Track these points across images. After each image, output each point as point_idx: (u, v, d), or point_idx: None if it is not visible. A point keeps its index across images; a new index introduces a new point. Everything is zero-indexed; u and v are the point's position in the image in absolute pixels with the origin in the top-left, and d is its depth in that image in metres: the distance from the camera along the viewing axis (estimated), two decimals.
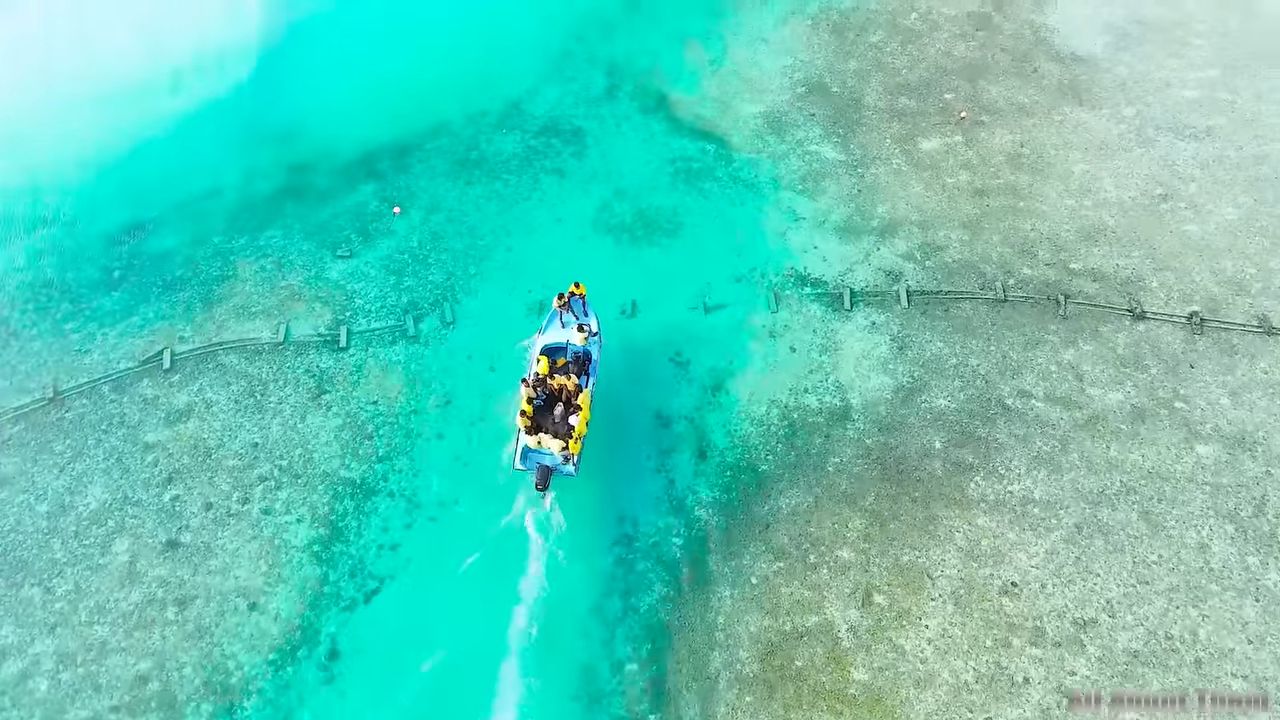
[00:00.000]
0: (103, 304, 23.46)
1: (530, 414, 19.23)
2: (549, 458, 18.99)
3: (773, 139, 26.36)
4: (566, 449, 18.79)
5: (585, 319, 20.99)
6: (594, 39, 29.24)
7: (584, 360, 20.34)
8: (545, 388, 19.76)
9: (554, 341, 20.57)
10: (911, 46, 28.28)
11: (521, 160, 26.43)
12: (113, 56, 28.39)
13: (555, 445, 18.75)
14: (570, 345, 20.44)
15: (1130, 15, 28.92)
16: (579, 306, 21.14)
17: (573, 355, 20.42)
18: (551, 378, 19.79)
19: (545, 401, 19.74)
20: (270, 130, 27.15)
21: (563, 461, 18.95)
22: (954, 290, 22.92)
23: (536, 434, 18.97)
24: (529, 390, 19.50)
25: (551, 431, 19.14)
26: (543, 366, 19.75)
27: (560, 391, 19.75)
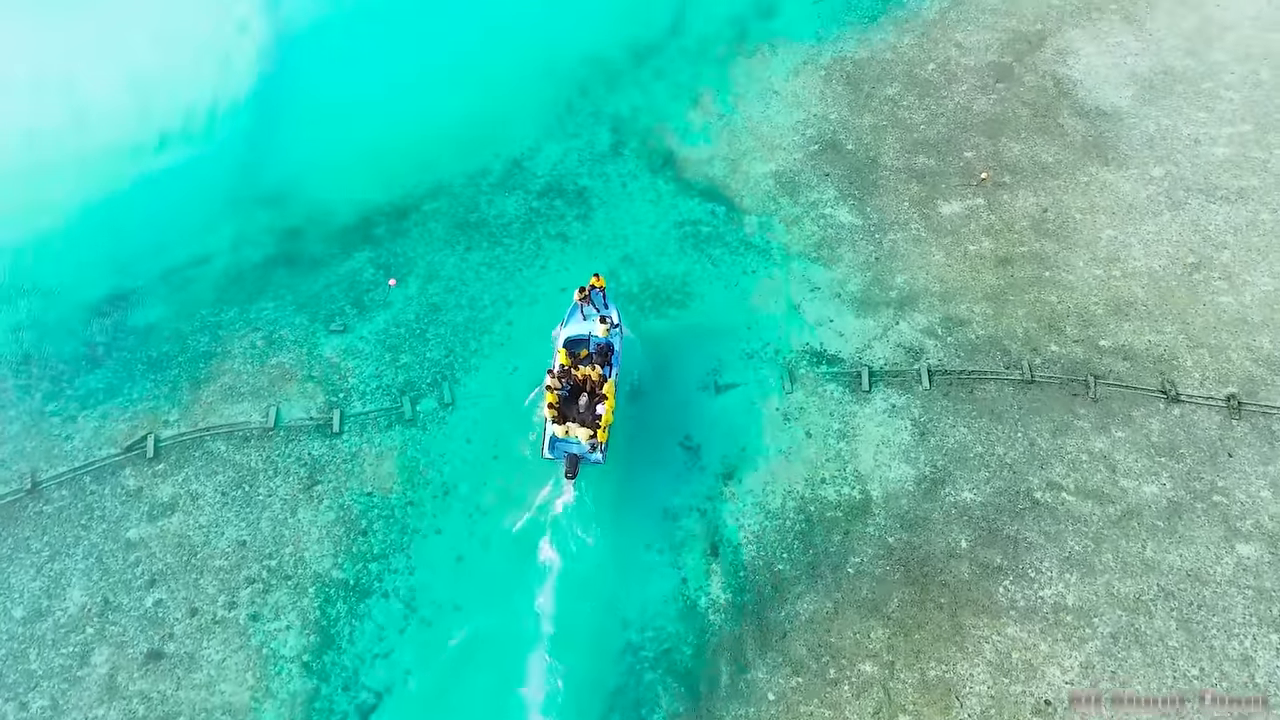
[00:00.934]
0: (85, 382, 22.40)
1: (557, 405, 19.55)
2: (577, 446, 19.38)
3: (785, 201, 25.24)
4: (594, 437, 19.17)
5: (606, 311, 21.31)
6: (598, 92, 28.13)
7: (606, 351, 20.71)
8: (569, 379, 20.18)
9: (576, 334, 21.00)
10: (929, 100, 27.14)
11: (524, 223, 25.34)
12: (98, 113, 27.29)
13: (583, 434, 19.14)
14: (592, 337, 20.82)
15: (1156, 66, 27.76)
16: (599, 299, 21.41)
17: (595, 347, 20.80)
18: (575, 369, 20.14)
19: (570, 393, 20.22)
20: (261, 191, 26.06)
21: (590, 450, 19.35)
22: (978, 370, 21.80)
23: (564, 424, 19.27)
24: (554, 381, 19.75)
25: (578, 421, 19.57)
26: (563, 358, 20.28)
27: (584, 382, 20.19)
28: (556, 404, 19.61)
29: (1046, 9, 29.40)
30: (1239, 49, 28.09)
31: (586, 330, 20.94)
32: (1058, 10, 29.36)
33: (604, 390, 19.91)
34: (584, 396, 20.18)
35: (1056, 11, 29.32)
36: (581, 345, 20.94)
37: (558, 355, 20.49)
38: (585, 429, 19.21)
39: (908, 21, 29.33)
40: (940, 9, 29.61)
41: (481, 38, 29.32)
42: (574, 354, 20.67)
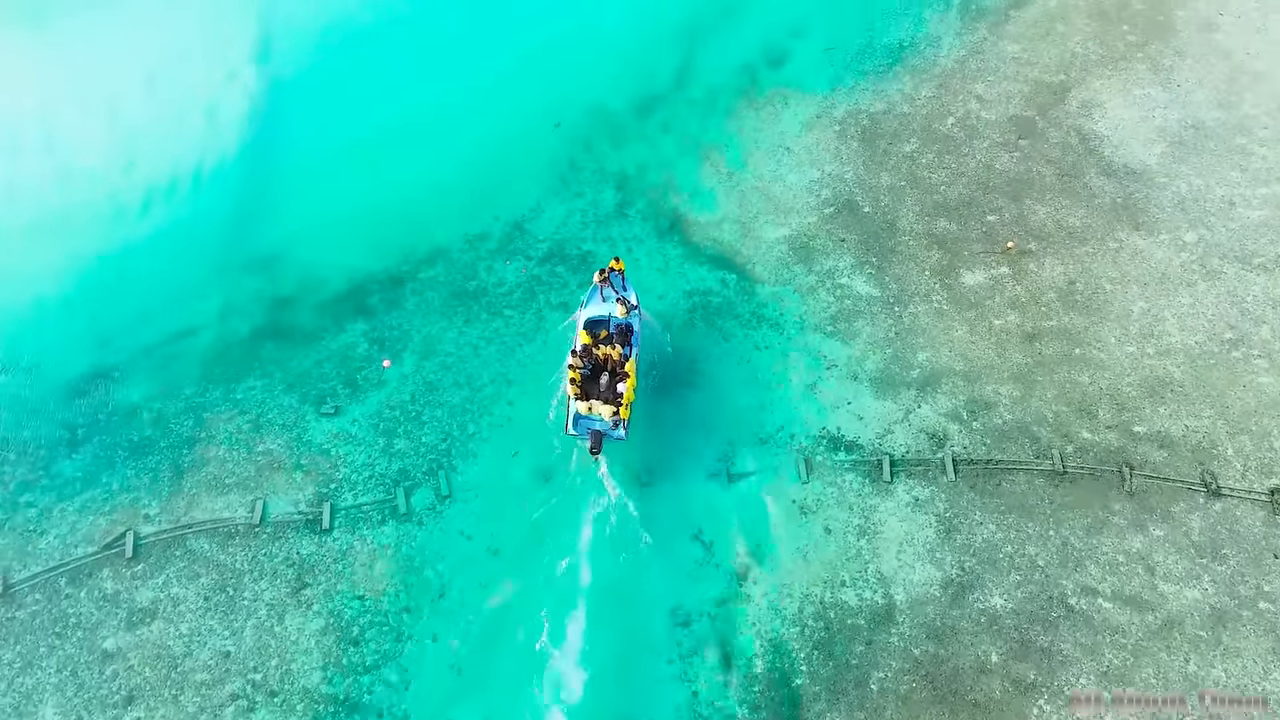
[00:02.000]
0: (63, 469, 21.23)
1: (579, 382, 20.17)
2: (599, 423, 19.94)
3: (800, 269, 24.03)
4: (616, 414, 19.78)
5: (624, 293, 21.58)
6: (603, 148, 26.93)
7: (626, 331, 21.17)
8: (591, 358, 20.73)
9: (596, 315, 21.44)
10: (949, 158, 25.91)
11: (525, 292, 24.14)
12: (80, 169, 26.12)
13: (605, 411, 19.78)
14: (612, 318, 21.30)
15: (1185, 119, 26.52)
16: (618, 281, 21.63)
17: (615, 327, 21.23)
18: (596, 348, 20.68)
19: (591, 372, 20.75)
20: (250, 256, 24.88)
21: (613, 426, 19.97)
22: (1006, 460, 20.59)
23: (586, 401, 19.89)
24: (576, 360, 20.34)
25: (600, 399, 20.06)
26: (585, 338, 20.89)
27: (605, 361, 20.80)
28: (579, 382, 20.14)
29: (1069, 57, 28.16)
30: (1271, 100, 26.85)
31: (606, 311, 21.42)
32: (1081, 59, 28.12)
33: (625, 369, 20.54)
34: (605, 375, 20.70)
35: (1080, 60, 28.08)
36: (601, 326, 21.42)
37: (579, 335, 21.01)
38: (607, 406, 19.81)
39: (925, 71, 28.10)
40: (958, 57, 28.37)
41: (481, 92, 28.08)
42: (594, 334, 21.20)
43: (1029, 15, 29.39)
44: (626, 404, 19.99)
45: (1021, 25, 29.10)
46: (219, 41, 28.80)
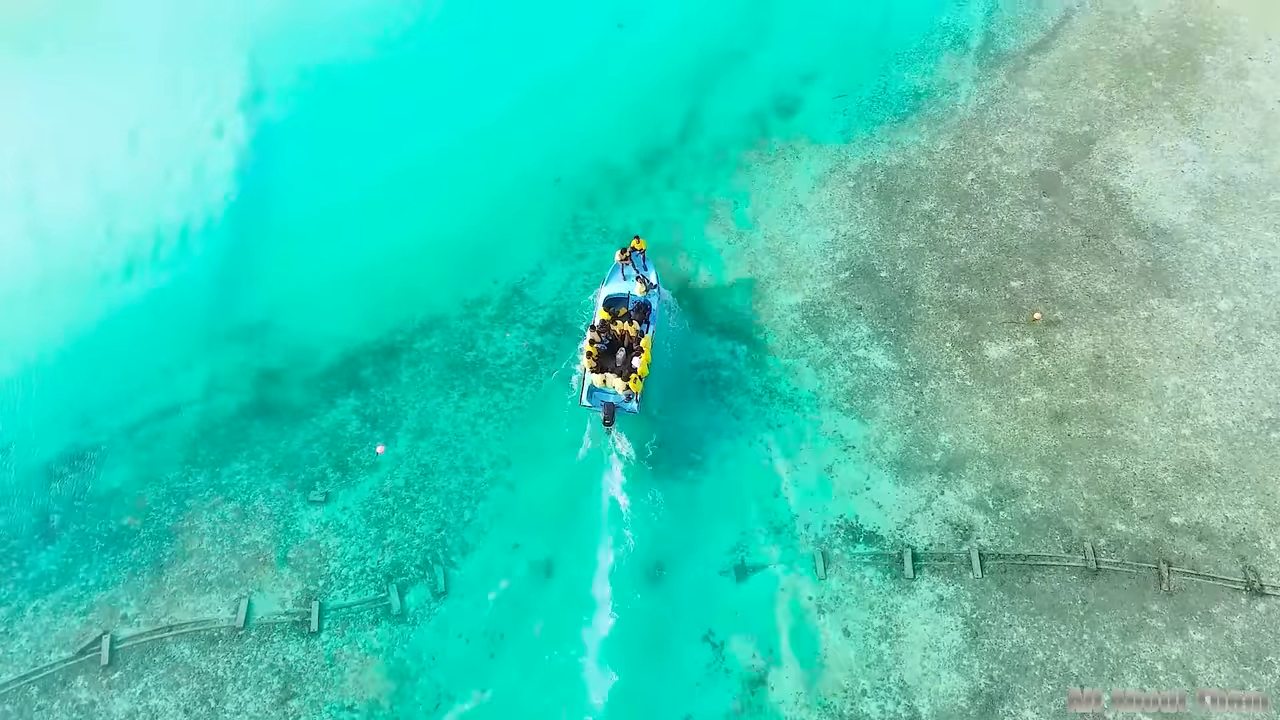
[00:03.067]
0: (37, 562, 20.10)
1: (595, 355, 20.70)
2: (613, 396, 20.56)
3: (814, 340, 22.86)
4: (629, 388, 20.34)
5: (645, 272, 22.07)
6: (607, 204, 25.75)
7: (644, 309, 21.76)
8: (609, 333, 21.31)
9: (616, 292, 22.03)
10: (970, 217, 24.72)
11: (526, 363, 22.98)
12: (60, 231, 24.95)
13: (619, 384, 20.41)
14: (631, 296, 21.88)
15: (1215, 174, 25.33)
16: (639, 261, 22.14)
17: (634, 305, 21.80)
18: (614, 324, 21.30)
19: (609, 346, 21.28)
20: (237, 324, 23.71)
21: (625, 399, 20.54)
22: (1035, 555, 19.42)
23: (601, 374, 20.46)
24: (594, 335, 20.93)
25: (615, 372, 20.63)
26: (604, 314, 21.59)
27: (623, 337, 21.35)
28: (595, 355, 20.72)
29: (1093, 107, 26.95)
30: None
31: (626, 289, 22.00)
32: (1105, 108, 26.91)
33: (640, 345, 21.12)
34: (622, 351, 21.25)
35: (1104, 110, 26.87)
36: (621, 304, 21.97)
37: (598, 312, 21.74)
38: (621, 380, 20.37)
39: (942, 121, 26.89)
40: (977, 106, 27.16)
41: (478, 145, 26.85)
42: (614, 312, 21.78)
43: (1050, 60, 28.18)
44: (640, 378, 20.61)
45: (1042, 71, 27.89)
46: (205, 93, 27.60)
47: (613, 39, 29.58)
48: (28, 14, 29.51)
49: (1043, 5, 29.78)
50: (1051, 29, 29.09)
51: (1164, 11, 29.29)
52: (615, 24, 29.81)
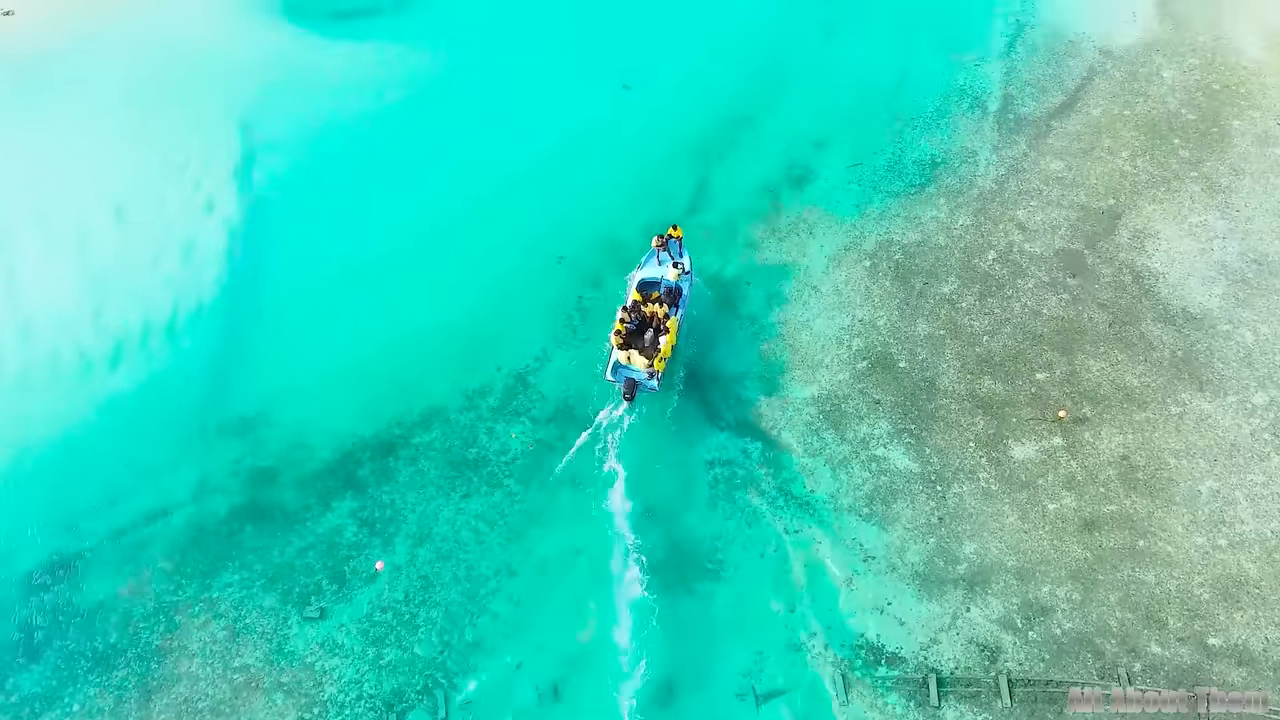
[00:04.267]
0: (19, 683, 19.25)
1: (623, 333, 21.78)
2: (636, 373, 21.56)
3: (830, 436, 21.89)
4: (651, 366, 21.38)
5: (680, 258, 23.02)
6: (612, 285, 24.69)
7: (675, 294, 22.79)
8: (638, 314, 22.28)
9: (650, 276, 23.04)
10: (992, 301, 23.74)
11: (530, 460, 22.03)
12: (44, 317, 24.01)
13: (641, 362, 21.51)
14: (664, 280, 22.87)
15: (1245, 252, 24.35)
16: (675, 248, 22.93)
17: (665, 289, 22.82)
18: (645, 305, 22.34)
19: (638, 327, 22.24)
20: (228, 418, 22.75)
21: (647, 376, 21.61)
22: (1066, 681, 18.46)
23: (628, 348, 21.56)
24: (625, 315, 21.96)
25: (641, 351, 21.73)
26: (636, 296, 22.60)
27: (651, 318, 22.29)
28: (623, 334, 21.77)
29: (1118, 178, 25.97)
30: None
31: (660, 274, 22.97)
32: (1130, 179, 25.93)
33: (668, 325, 22.01)
34: (650, 331, 22.17)
35: (1129, 181, 25.88)
36: (654, 288, 22.93)
37: (631, 293, 22.80)
38: (644, 358, 21.48)
39: (961, 193, 25.90)
40: (997, 177, 26.17)
41: (478, 223, 25.86)
42: (647, 295, 22.77)
43: (1071, 126, 27.19)
44: (663, 357, 21.71)
45: (1064, 139, 26.89)
46: (195, 165, 26.65)
47: (619, 102, 28.60)
48: (8, 82, 28.60)
49: (1063, 65, 28.79)
50: (1072, 91, 28.09)
51: (1189, 73, 28.30)
52: (621, 85, 28.81)
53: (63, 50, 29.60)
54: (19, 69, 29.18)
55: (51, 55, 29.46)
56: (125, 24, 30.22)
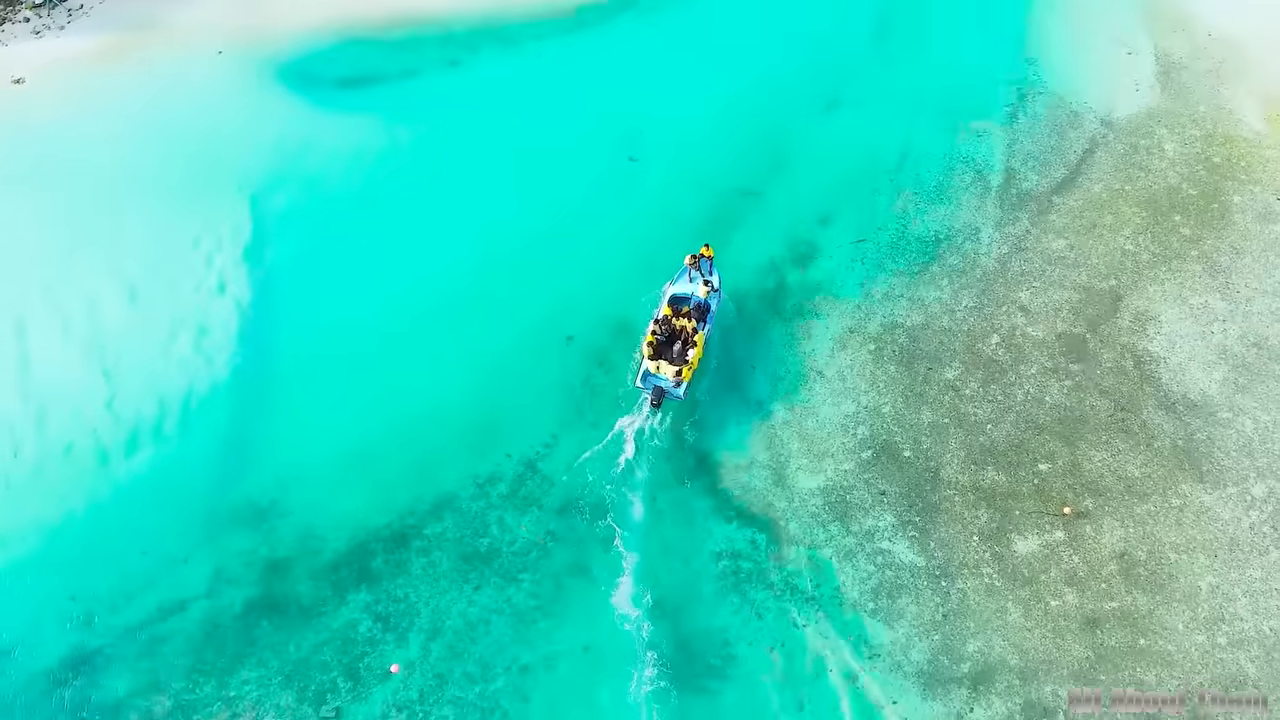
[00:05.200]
0: None
1: (654, 344, 23.43)
2: (664, 381, 23.19)
3: (836, 528, 22.24)
4: (679, 375, 22.96)
5: (710, 276, 24.55)
6: (620, 366, 25.03)
7: (703, 309, 24.38)
8: (669, 327, 23.87)
9: (681, 291, 24.65)
10: (995, 388, 24.07)
11: (540, 552, 22.36)
12: (57, 403, 24.26)
13: (670, 371, 23.09)
14: (694, 296, 24.48)
15: (1246, 335, 24.69)
16: (706, 266, 24.62)
17: (695, 304, 24.40)
18: (675, 319, 23.90)
19: (667, 339, 23.75)
20: (241, 505, 23.05)
21: (674, 385, 23.17)
22: None
23: (656, 360, 23.14)
24: (657, 327, 23.62)
25: (670, 361, 23.27)
26: (667, 310, 24.19)
27: (680, 331, 23.87)
28: (654, 345, 23.40)
29: (1119, 257, 26.31)
30: None
31: (690, 290, 24.59)
32: (1132, 258, 26.26)
33: (695, 339, 23.66)
34: (678, 344, 23.65)
35: (1131, 260, 26.22)
36: (684, 303, 24.46)
37: (663, 306, 24.31)
38: (672, 367, 22.99)
39: (964, 273, 26.23)
40: (1000, 256, 26.50)
41: (486, 301, 26.12)
42: (677, 309, 24.28)
43: (1073, 203, 27.51)
44: (690, 369, 23.29)
45: (1066, 215, 27.22)
46: (208, 244, 26.90)
47: (624, 174, 28.88)
48: (20, 152, 28.86)
49: (1065, 137, 29.11)
50: (1074, 165, 28.42)
51: (1189, 145, 28.63)
52: (627, 158, 29.10)
53: (72, 119, 29.87)
54: (30, 138, 29.44)
55: (61, 125, 29.72)
56: (134, 93, 30.47)
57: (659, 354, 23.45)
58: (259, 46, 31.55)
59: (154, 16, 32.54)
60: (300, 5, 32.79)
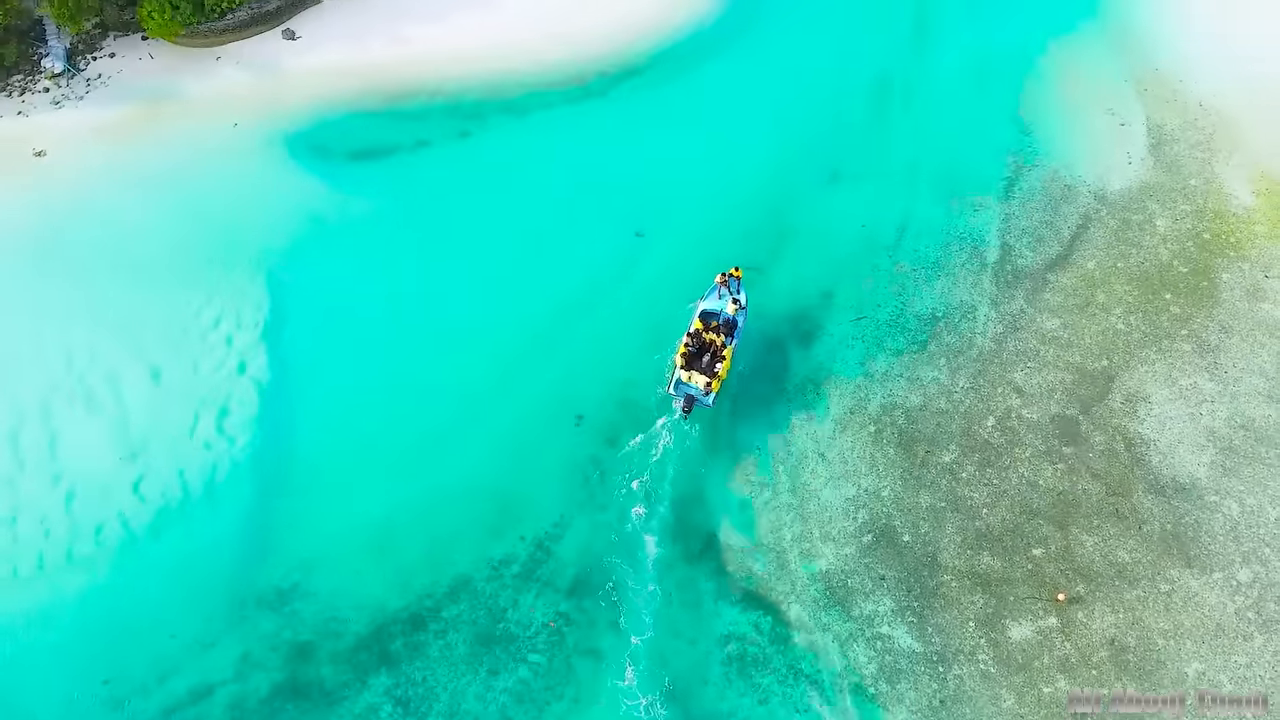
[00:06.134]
0: None
1: (686, 355, 25.49)
2: (694, 390, 25.20)
3: (836, 613, 23.15)
4: (709, 384, 24.96)
5: (738, 295, 26.67)
6: (627, 442, 25.84)
7: (731, 325, 26.37)
8: (699, 340, 25.91)
9: (711, 307, 26.63)
10: (990, 471, 24.95)
11: (553, 633, 23.27)
12: (84, 486, 25.10)
13: (700, 381, 25.14)
14: (723, 312, 26.41)
15: (1233, 417, 25.56)
16: (734, 285, 26.81)
17: (723, 319, 26.40)
18: (706, 333, 25.97)
19: (698, 350, 25.77)
20: (265, 588, 23.95)
21: (704, 392, 25.20)
22: None
23: (688, 370, 25.19)
24: (688, 340, 25.71)
25: (700, 371, 25.28)
26: (699, 324, 26.22)
27: (710, 345, 25.92)
28: (686, 355, 25.45)
29: (1111, 336, 27.16)
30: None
31: (720, 307, 26.53)
32: (1123, 338, 27.12)
33: (724, 353, 25.68)
34: (707, 356, 25.63)
35: (1123, 340, 27.08)
36: (714, 318, 26.43)
37: (695, 321, 26.24)
38: (703, 377, 25.08)
39: (961, 353, 27.08)
40: (995, 335, 27.35)
41: (497, 382, 26.92)
42: (707, 324, 26.26)
43: (1067, 280, 28.36)
44: (719, 379, 25.20)
45: (1060, 293, 28.06)
46: (228, 324, 27.74)
47: (632, 249, 29.69)
48: (42, 227, 29.66)
49: (1059, 212, 29.93)
50: (1068, 241, 29.25)
51: (1180, 221, 29.46)
52: (634, 233, 29.92)
53: (93, 194, 30.56)
54: (51, 214, 30.15)
55: (82, 200, 30.41)
56: (153, 168, 31.09)
57: (690, 364, 25.37)
58: (273, 119, 32.28)
59: (170, 88, 33.25)
60: (311, 76, 33.51)
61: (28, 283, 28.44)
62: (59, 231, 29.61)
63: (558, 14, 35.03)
